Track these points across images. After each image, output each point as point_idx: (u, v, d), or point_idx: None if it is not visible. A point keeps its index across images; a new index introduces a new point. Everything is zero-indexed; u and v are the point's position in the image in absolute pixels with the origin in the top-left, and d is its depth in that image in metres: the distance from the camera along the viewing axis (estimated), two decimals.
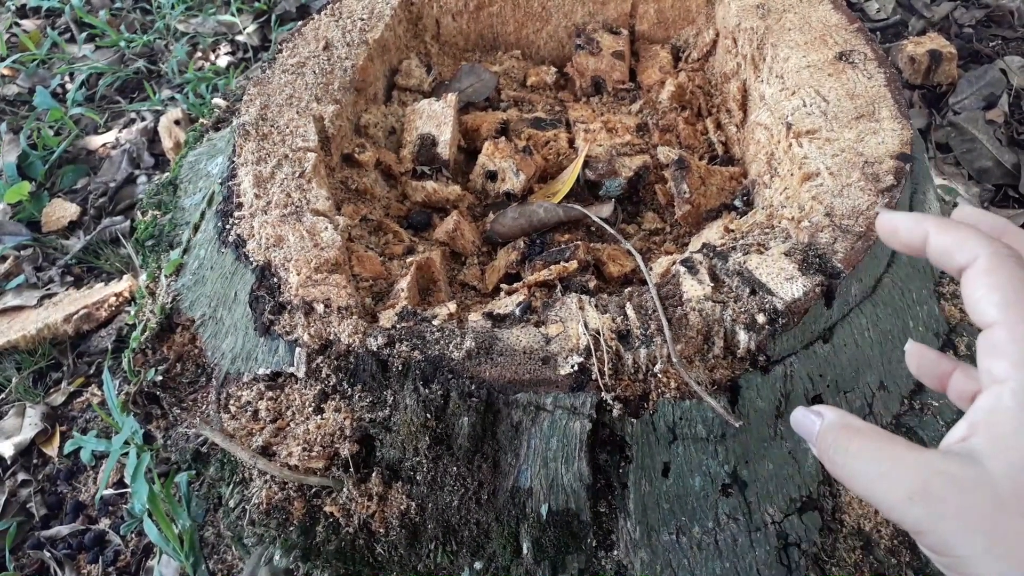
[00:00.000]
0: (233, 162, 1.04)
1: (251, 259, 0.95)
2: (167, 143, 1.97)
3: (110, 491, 1.41)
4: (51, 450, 1.48)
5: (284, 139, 1.06)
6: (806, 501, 0.91)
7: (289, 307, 0.91)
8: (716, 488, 0.88)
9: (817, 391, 0.90)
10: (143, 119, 2.08)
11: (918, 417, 0.97)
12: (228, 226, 0.99)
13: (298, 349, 0.90)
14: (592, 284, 1.01)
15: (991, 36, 2.08)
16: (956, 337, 1.03)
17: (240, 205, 1.00)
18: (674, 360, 0.83)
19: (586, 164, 1.16)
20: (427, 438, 0.86)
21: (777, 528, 0.89)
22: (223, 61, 2.24)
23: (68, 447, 1.38)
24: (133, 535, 1.33)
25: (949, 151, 1.78)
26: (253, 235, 0.97)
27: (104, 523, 1.37)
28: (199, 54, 2.27)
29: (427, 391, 0.84)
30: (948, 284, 1.08)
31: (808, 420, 0.57)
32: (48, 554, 1.32)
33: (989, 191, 1.71)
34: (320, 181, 1.03)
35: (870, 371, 0.94)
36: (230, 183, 1.03)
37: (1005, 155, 1.74)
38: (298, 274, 0.92)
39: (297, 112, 1.10)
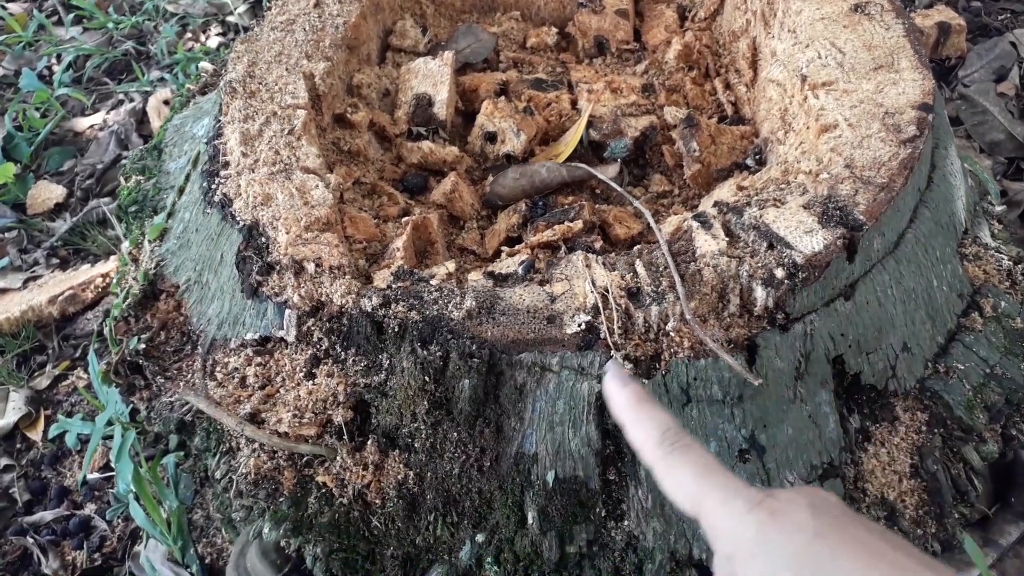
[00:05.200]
0: (219, 121, 0.99)
1: (238, 219, 0.90)
2: (156, 124, 1.92)
3: (96, 475, 1.36)
4: (35, 434, 1.43)
5: (273, 96, 1.01)
6: (827, 468, 0.86)
7: (278, 267, 0.86)
8: (733, 453, 0.83)
9: (839, 351, 0.85)
10: (131, 100, 2.03)
11: (943, 381, 0.92)
12: (214, 186, 0.94)
13: (288, 311, 0.85)
14: (598, 245, 0.96)
15: (1000, 10, 2.03)
16: (981, 299, 0.98)
17: (226, 164, 0.95)
18: (688, 317, 0.78)
19: (590, 124, 1.11)
20: (426, 402, 0.81)
21: None
22: (213, 42, 2.19)
23: (53, 431, 1.34)
24: (120, 520, 1.28)
25: (959, 124, 1.73)
26: (240, 194, 0.92)
27: (90, 508, 1.32)
28: (189, 35, 2.22)
29: (425, 353, 0.79)
30: (971, 245, 1.03)
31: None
32: (31, 540, 1.27)
33: (1001, 164, 1.66)
34: (310, 139, 0.98)
35: (893, 331, 0.89)
36: (216, 142, 0.98)
37: (1017, 128, 1.69)
38: (287, 233, 0.87)
39: (286, 69, 1.05)
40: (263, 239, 0.87)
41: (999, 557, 0.99)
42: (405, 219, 0.96)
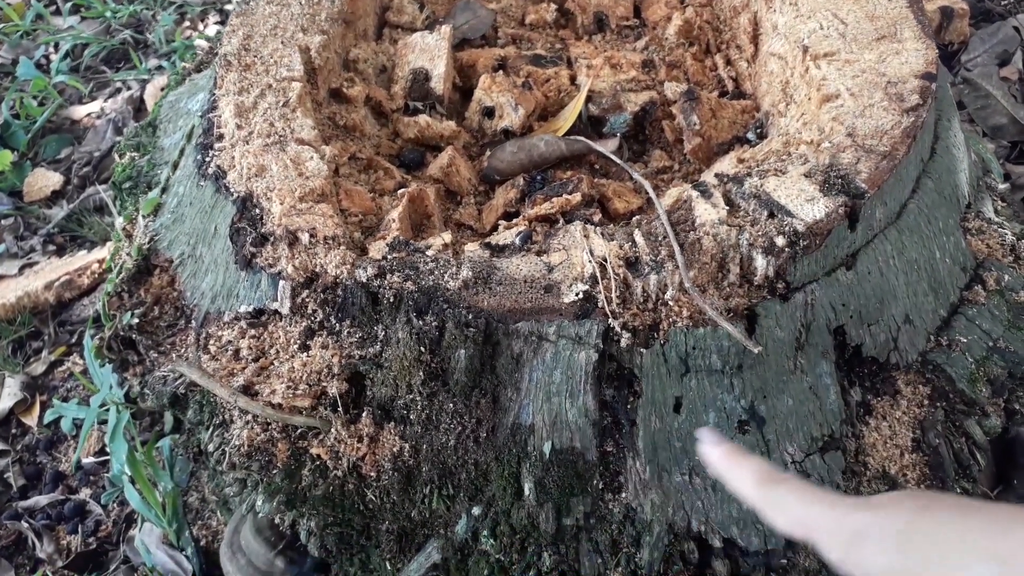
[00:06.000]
0: (214, 94, 0.98)
1: (232, 190, 0.88)
2: None
3: (91, 460, 1.35)
4: (30, 420, 1.42)
5: (268, 69, 1.00)
6: (828, 440, 0.85)
7: (272, 238, 0.85)
8: (732, 425, 0.82)
9: (840, 322, 0.84)
10: (129, 88, 2.02)
11: (946, 354, 0.91)
12: (208, 158, 0.93)
13: (282, 283, 0.84)
14: (597, 219, 0.95)
15: None
16: (984, 272, 0.96)
17: (221, 137, 0.94)
18: (687, 286, 0.77)
19: (589, 99, 1.09)
20: (421, 373, 0.80)
21: (798, 468, 0.83)
22: (212, 30, 2.17)
23: (48, 416, 1.32)
24: (115, 504, 1.27)
25: (962, 108, 1.72)
26: (234, 166, 0.90)
27: (85, 493, 1.31)
28: (187, 23, 2.21)
29: (421, 323, 0.78)
30: (974, 219, 1.01)
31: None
32: (26, 525, 1.26)
33: (1004, 148, 1.65)
34: (305, 111, 0.96)
35: (895, 303, 0.88)
36: (210, 115, 0.96)
37: (1020, 112, 1.68)
38: (281, 203, 0.85)
39: (282, 42, 1.03)
40: (257, 210, 0.86)
41: None
42: (401, 191, 0.94)
